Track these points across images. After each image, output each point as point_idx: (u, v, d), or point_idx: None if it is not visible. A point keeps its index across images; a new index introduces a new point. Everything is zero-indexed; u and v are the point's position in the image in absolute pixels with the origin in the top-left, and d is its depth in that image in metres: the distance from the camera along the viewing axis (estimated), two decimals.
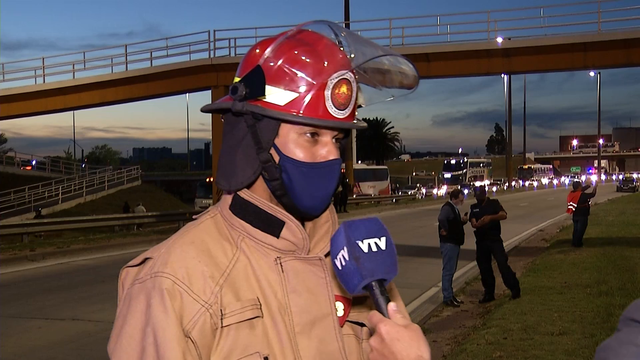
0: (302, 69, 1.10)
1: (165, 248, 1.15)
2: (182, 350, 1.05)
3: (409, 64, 1.17)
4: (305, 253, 1.16)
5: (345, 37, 1.16)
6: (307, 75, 1.10)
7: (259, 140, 1.13)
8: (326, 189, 1.15)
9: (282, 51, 1.11)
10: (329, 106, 1.11)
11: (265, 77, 1.11)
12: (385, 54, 1.13)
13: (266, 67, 1.11)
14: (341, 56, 1.13)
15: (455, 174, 69.51)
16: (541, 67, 25.26)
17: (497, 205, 9.96)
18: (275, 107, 1.11)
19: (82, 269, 13.72)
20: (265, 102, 1.11)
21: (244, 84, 1.12)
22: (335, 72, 1.11)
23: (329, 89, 1.10)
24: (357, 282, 0.99)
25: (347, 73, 1.12)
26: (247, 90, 1.11)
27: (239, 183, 1.15)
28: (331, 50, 1.13)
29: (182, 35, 56.62)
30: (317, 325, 1.13)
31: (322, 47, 1.12)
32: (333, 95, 1.11)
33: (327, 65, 1.10)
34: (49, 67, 31.82)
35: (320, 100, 1.10)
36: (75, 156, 76.23)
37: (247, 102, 1.12)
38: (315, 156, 1.13)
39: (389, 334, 0.96)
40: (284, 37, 1.13)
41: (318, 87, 1.10)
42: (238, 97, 1.12)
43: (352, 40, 1.15)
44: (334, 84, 1.10)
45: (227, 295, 1.10)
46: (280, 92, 1.10)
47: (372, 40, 1.19)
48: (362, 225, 1.02)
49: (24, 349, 7.33)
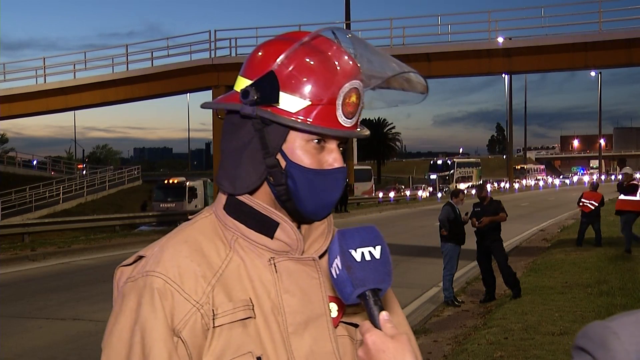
0: (315, 78, 1.10)
1: (158, 247, 1.15)
2: (168, 351, 1.05)
3: (419, 76, 1.17)
4: (299, 254, 1.16)
5: (356, 45, 1.16)
6: (320, 84, 1.10)
7: (266, 145, 1.12)
8: (331, 197, 1.15)
9: (295, 57, 1.11)
10: (339, 115, 1.11)
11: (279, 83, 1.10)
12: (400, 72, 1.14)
13: (279, 72, 1.10)
14: (352, 65, 1.12)
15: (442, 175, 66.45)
16: (542, 67, 25.28)
17: (498, 206, 9.93)
18: (286, 113, 1.10)
19: (83, 269, 13.73)
20: (276, 108, 1.10)
21: (255, 89, 1.11)
22: (348, 82, 1.11)
23: (340, 99, 1.10)
24: (349, 292, 0.98)
25: (357, 82, 1.12)
26: (258, 94, 1.10)
27: (245, 187, 1.14)
28: (343, 59, 1.12)
29: (183, 35, 56.64)
30: (310, 325, 1.13)
31: (335, 54, 1.12)
32: (344, 104, 1.11)
33: (340, 74, 1.10)
34: (49, 67, 31.92)
35: (331, 109, 1.10)
36: (76, 156, 76.23)
37: (257, 107, 1.11)
38: (322, 163, 1.13)
39: (375, 345, 0.95)
40: (298, 43, 1.12)
41: (330, 96, 1.10)
42: (249, 102, 1.11)
43: (362, 49, 1.15)
44: (345, 94, 1.10)
45: (219, 296, 1.10)
46: (291, 98, 1.10)
47: (381, 50, 1.19)
48: (357, 233, 1.01)
49: (24, 349, 7.33)
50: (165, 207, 30.61)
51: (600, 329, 0.85)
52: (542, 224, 24.41)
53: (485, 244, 9.91)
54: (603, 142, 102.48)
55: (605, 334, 0.84)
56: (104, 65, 32.01)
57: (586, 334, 0.87)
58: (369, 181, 51.05)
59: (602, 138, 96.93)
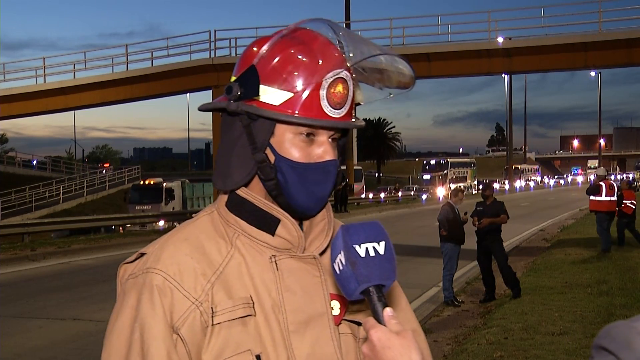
0: (297, 68, 1.09)
1: (159, 244, 1.15)
2: (166, 348, 1.05)
3: (406, 63, 1.16)
4: (300, 251, 1.16)
5: (342, 35, 1.15)
6: (302, 75, 1.09)
7: (254, 140, 1.12)
8: (322, 190, 1.15)
9: (276, 50, 1.11)
10: (325, 105, 1.10)
11: (260, 76, 1.10)
12: (381, 53, 1.12)
13: (260, 66, 1.10)
14: (337, 54, 1.11)
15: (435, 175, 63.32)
16: (542, 67, 25.29)
17: (500, 208, 9.89)
18: (270, 107, 1.10)
19: (83, 269, 13.72)
20: (260, 102, 1.10)
21: (238, 84, 1.12)
22: (331, 71, 1.09)
23: (324, 89, 1.09)
24: (353, 288, 0.97)
25: (343, 72, 1.11)
26: (241, 90, 1.11)
27: (234, 183, 1.15)
28: (327, 49, 1.11)
29: (182, 35, 56.22)
30: (311, 324, 1.12)
31: (318, 45, 1.11)
32: (328, 94, 1.10)
33: (322, 64, 1.09)
34: (49, 67, 31.93)
35: (315, 99, 1.09)
36: (76, 156, 76.21)
37: (242, 102, 1.11)
38: (311, 156, 1.12)
39: (380, 341, 0.95)
40: (278, 35, 1.12)
41: (313, 86, 1.09)
42: (232, 97, 1.11)
43: (349, 39, 1.14)
44: (329, 83, 1.09)
45: (219, 293, 1.09)
46: (275, 91, 1.10)
47: (370, 40, 1.18)
48: (362, 229, 1.00)
49: (24, 349, 7.33)
50: (140, 208, 28.68)
51: (625, 329, 0.84)
52: (542, 224, 24.40)
53: (485, 243, 9.90)
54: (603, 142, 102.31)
55: (631, 334, 0.83)
56: (104, 65, 32.04)
57: (609, 334, 0.85)
58: (360, 181, 50.53)
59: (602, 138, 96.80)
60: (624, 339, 0.83)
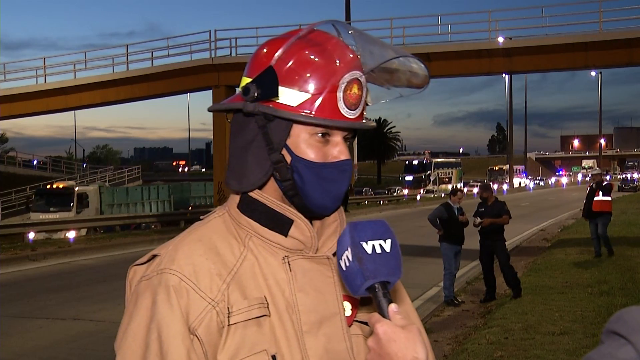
0: (314, 70, 1.10)
1: (172, 245, 1.15)
2: (186, 348, 1.04)
3: (420, 63, 1.17)
4: (313, 252, 1.16)
5: (355, 37, 1.16)
6: (319, 76, 1.10)
7: (270, 141, 1.13)
8: (338, 189, 1.16)
9: (293, 52, 1.12)
10: (341, 107, 1.11)
11: (278, 78, 1.11)
12: (397, 56, 1.14)
13: (278, 68, 1.11)
14: (352, 56, 1.13)
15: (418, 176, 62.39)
16: (542, 67, 25.28)
17: (502, 208, 9.86)
18: (288, 107, 1.11)
19: (83, 269, 13.72)
20: (277, 103, 1.11)
21: (255, 85, 1.12)
22: (347, 73, 1.11)
23: (341, 90, 1.11)
24: (360, 284, 0.98)
25: (358, 73, 1.12)
26: (259, 91, 1.11)
27: (251, 184, 1.15)
28: (342, 51, 1.13)
29: (183, 35, 56.02)
30: (324, 324, 1.13)
31: (334, 47, 1.13)
32: (345, 95, 1.11)
33: (339, 65, 1.11)
34: (50, 67, 31.90)
35: (332, 101, 1.11)
36: (76, 156, 76.25)
37: (259, 103, 1.12)
38: (327, 156, 1.14)
39: (386, 335, 0.96)
40: (295, 37, 1.13)
41: (330, 88, 1.10)
42: (250, 98, 1.12)
43: (362, 41, 1.16)
44: (346, 85, 1.11)
45: (234, 294, 1.10)
46: (292, 92, 1.11)
47: (380, 39, 1.19)
48: (368, 226, 1.01)
49: (25, 349, 7.33)
50: (46, 218, 23.69)
51: (638, 313, 0.84)
52: (542, 223, 24.41)
53: (488, 243, 9.90)
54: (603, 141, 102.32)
55: None
56: (104, 65, 31.95)
57: (621, 318, 0.85)
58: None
59: (602, 138, 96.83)
60: (637, 322, 0.83)
